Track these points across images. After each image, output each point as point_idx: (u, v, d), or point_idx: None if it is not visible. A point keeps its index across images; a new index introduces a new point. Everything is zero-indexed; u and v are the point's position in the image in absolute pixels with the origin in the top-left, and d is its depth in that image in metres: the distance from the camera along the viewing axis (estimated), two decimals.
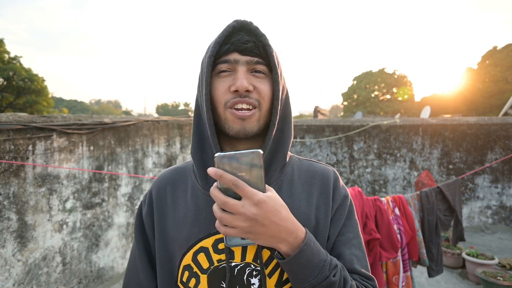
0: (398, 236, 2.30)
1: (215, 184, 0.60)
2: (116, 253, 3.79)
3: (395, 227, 2.30)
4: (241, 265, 0.69)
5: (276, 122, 0.72)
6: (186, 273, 0.72)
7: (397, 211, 2.38)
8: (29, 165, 2.83)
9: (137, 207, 4.13)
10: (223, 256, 0.70)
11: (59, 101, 49.13)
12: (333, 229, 0.75)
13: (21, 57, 17.15)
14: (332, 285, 0.62)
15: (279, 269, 0.70)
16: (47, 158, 2.99)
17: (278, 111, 0.72)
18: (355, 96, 34.04)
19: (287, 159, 0.80)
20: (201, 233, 0.72)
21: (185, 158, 5.06)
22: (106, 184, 3.66)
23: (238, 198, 0.58)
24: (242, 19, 0.71)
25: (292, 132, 0.81)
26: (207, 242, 0.71)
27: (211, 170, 0.57)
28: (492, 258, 3.76)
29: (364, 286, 0.70)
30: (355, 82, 34.59)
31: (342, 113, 39.10)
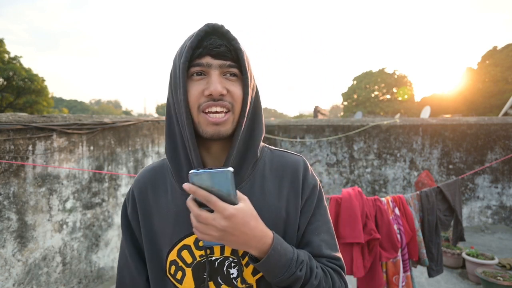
0: (398, 236, 2.30)
1: (191, 195, 0.65)
2: (116, 253, 3.79)
3: (395, 227, 2.30)
4: (221, 259, 0.77)
5: (244, 124, 0.75)
6: (173, 267, 0.79)
7: (397, 211, 2.38)
8: (29, 165, 2.83)
9: None
10: (203, 252, 0.77)
11: (59, 101, 49.12)
12: (303, 220, 0.80)
13: (21, 57, 17.15)
14: (298, 279, 0.70)
15: None
16: (47, 158, 3.00)
17: (246, 113, 0.75)
18: (355, 96, 34.03)
19: (259, 154, 0.83)
20: (182, 232, 0.78)
21: None
22: (106, 184, 3.66)
23: (212, 209, 0.64)
24: (214, 23, 0.72)
25: (263, 128, 0.84)
26: (189, 240, 0.77)
27: (186, 186, 0.63)
28: (492, 258, 3.76)
29: (330, 267, 0.77)
30: (355, 82, 34.58)
31: (342, 113, 39.09)
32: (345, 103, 35.35)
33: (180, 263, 0.78)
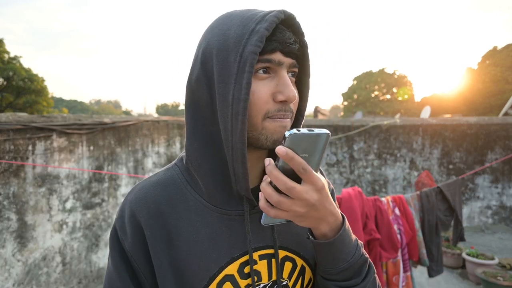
0: (398, 236, 2.30)
1: (272, 162, 0.52)
2: None
3: (395, 227, 2.30)
4: (269, 285, 0.65)
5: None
6: None
7: (397, 211, 2.38)
8: (29, 165, 2.83)
9: None
10: (250, 280, 0.63)
11: (59, 101, 49.13)
12: None
13: (21, 57, 17.15)
14: (366, 262, 0.62)
15: (300, 279, 0.69)
16: (47, 158, 2.99)
17: (303, 120, 0.66)
18: (355, 96, 34.05)
19: None
20: (222, 259, 0.62)
21: None
22: (106, 184, 3.66)
23: (296, 179, 0.52)
24: (287, 11, 0.58)
25: None
26: (231, 269, 0.62)
27: (281, 150, 0.49)
28: (492, 258, 3.76)
29: None
30: (355, 82, 34.60)
31: (342, 113, 39.12)
32: (345, 103, 35.37)
33: None
